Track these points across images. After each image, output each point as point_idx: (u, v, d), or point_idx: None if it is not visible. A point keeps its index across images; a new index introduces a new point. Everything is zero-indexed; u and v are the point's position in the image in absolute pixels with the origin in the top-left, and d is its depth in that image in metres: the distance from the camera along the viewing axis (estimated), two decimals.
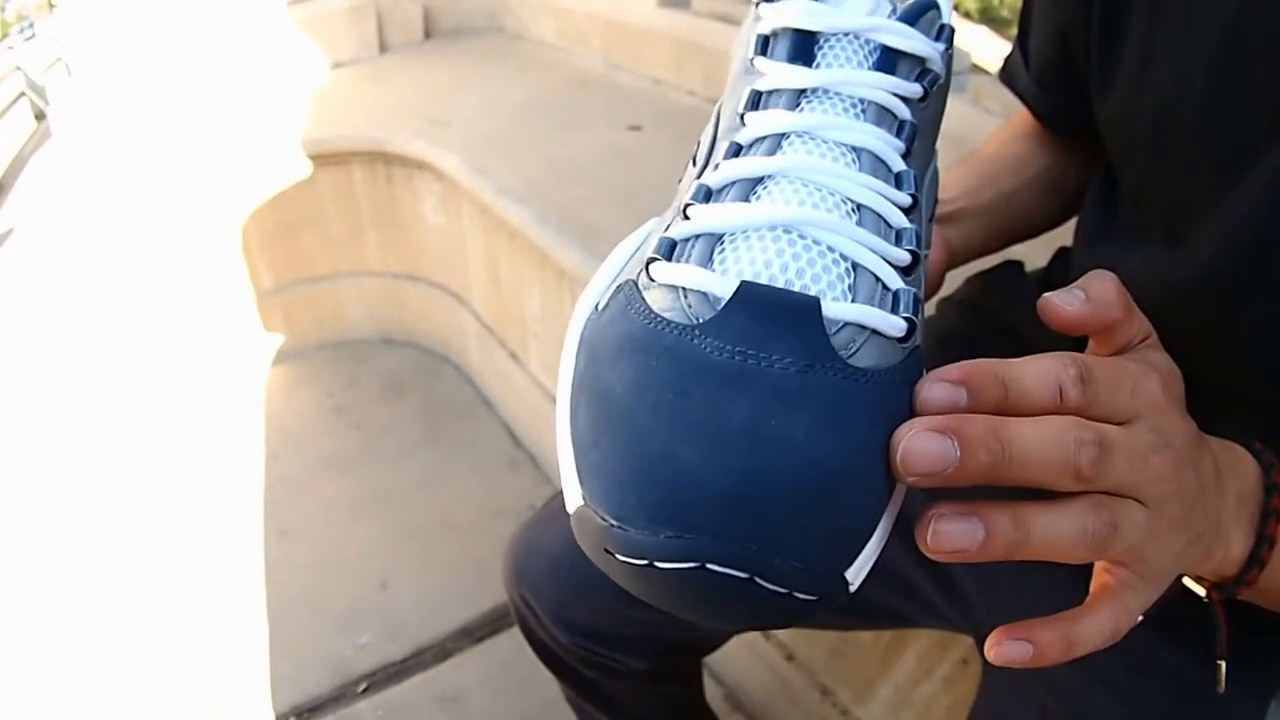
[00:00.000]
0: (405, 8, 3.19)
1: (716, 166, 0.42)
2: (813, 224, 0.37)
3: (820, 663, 1.53)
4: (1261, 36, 0.57)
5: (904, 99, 0.44)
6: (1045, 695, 0.74)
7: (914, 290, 0.39)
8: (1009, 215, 0.87)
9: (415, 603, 1.92)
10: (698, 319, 0.35)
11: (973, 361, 0.38)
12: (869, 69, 0.44)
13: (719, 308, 0.35)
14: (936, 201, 0.51)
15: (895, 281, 0.39)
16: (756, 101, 0.44)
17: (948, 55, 0.48)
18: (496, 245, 2.14)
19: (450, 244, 2.43)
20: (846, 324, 0.35)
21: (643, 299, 0.37)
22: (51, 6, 2.79)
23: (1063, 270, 0.90)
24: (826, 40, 0.45)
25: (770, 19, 0.46)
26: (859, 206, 0.40)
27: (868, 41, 0.45)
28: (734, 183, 0.41)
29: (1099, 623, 0.42)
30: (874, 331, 0.36)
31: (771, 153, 0.41)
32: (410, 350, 2.80)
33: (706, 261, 0.37)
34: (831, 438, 0.33)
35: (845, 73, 0.43)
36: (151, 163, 2.28)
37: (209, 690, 1.73)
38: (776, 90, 0.44)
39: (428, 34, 3.29)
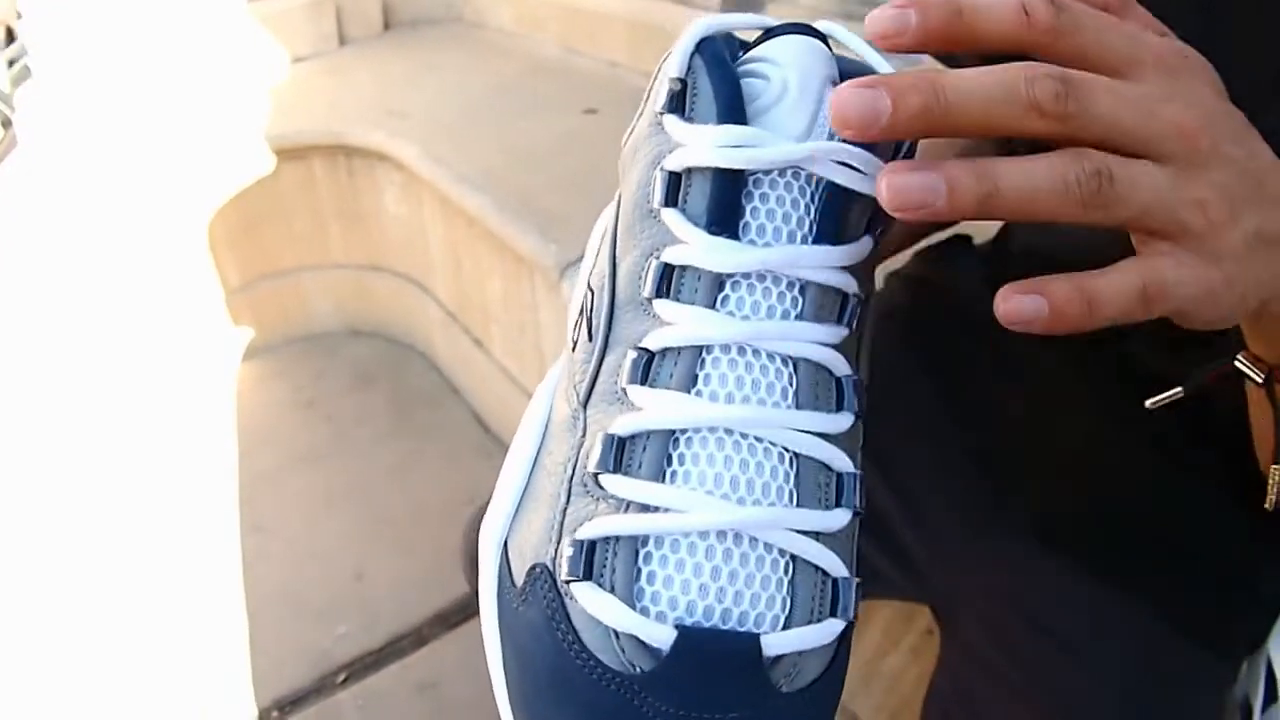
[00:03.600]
0: (364, 0, 3.18)
1: (623, 394, 0.37)
2: (751, 525, 0.34)
3: None
4: (1237, 19, 0.57)
5: (853, 269, 0.37)
6: (1004, 663, 0.73)
7: (852, 577, 0.37)
8: None
9: (391, 592, 1.93)
10: (636, 668, 0.33)
11: None
12: (811, 228, 0.36)
13: (659, 659, 0.33)
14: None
15: (836, 567, 0.36)
16: (666, 281, 0.36)
17: None
18: (457, 233, 2.15)
19: (412, 234, 2.43)
20: (786, 654, 0.34)
21: (569, 622, 0.35)
22: (19, 16, 2.77)
23: (1008, 241, 0.90)
24: (758, 183, 0.36)
25: (682, 153, 0.36)
26: (796, 457, 0.36)
27: (811, 180, 0.36)
28: (648, 435, 0.36)
29: (1124, 280, 0.35)
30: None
31: (690, 375, 0.36)
32: (377, 341, 2.80)
33: (632, 572, 0.34)
34: None
35: (784, 252, 0.35)
36: (116, 164, 2.27)
37: (192, 689, 1.73)
38: (692, 269, 0.36)
39: (387, 25, 3.27)
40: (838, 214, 0.36)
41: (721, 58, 0.37)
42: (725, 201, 0.35)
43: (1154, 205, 0.34)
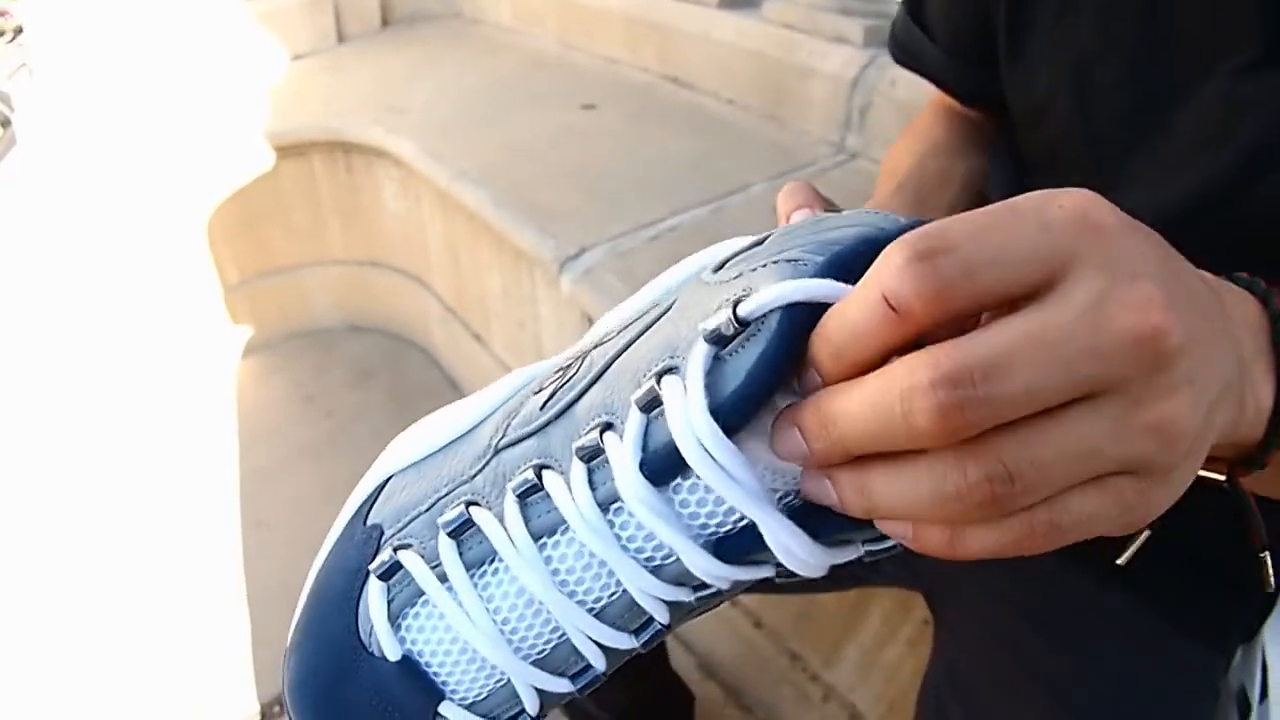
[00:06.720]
0: None
1: (504, 491, 0.41)
2: (498, 668, 0.42)
3: (788, 627, 1.55)
4: None
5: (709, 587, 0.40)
6: (996, 652, 0.74)
7: None
8: None
9: None
10: (378, 655, 0.43)
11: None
12: (717, 530, 0.37)
13: (385, 663, 0.43)
14: None
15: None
16: (594, 455, 0.38)
17: None
18: (455, 229, 2.16)
19: (411, 229, 2.44)
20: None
21: (363, 588, 0.45)
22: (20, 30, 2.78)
23: None
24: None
25: (672, 406, 0.35)
26: (569, 642, 0.42)
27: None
28: (487, 541, 0.42)
29: (993, 533, 0.31)
30: None
31: (548, 528, 0.40)
32: (377, 336, 2.81)
33: (403, 608, 0.43)
34: None
35: (678, 543, 0.37)
36: (115, 162, 2.27)
37: (194, 687, 1.74)
38: (609, 468, 0.38)
39: (385, 22, 3.28)
40: (745, 546, 0.36)
41: (797, 334, 0.33)
42: (666, 466, 0.35)
43: (1081, 468, 0.29)
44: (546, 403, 0.42)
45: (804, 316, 0.32)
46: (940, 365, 0.27)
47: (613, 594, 0.39)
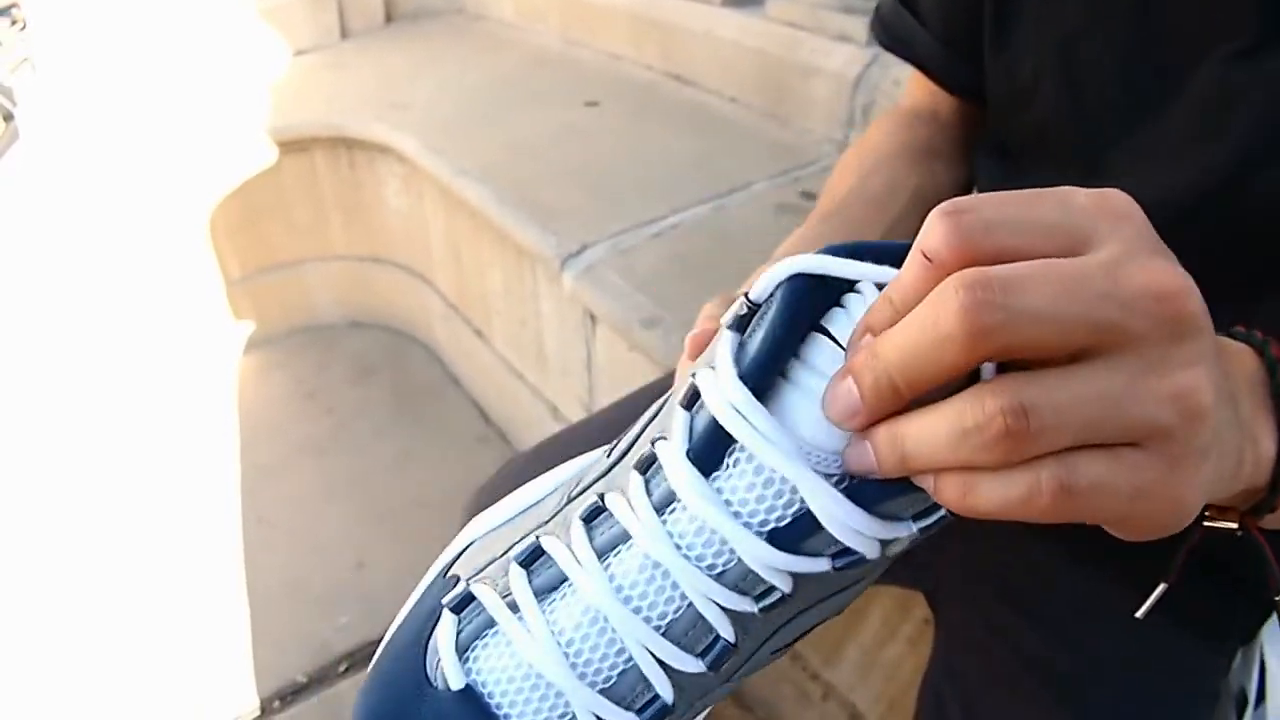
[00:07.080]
0: None
1: (571, 521, 0.43)
2: (560, 692, 0.41)
3: None
4: None
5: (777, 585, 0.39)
6: (994, 648, 0.74)
7: None
8: None
9: (391, 581, 1.94)
10: (439, 686, 0.44)
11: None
12: (777, 520, 0.37)
13: (448, 694, 0.44)
14: None
15: None
16: (649, 463, 0.40)
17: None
18: (457, 226, 2.16)
19: (413, 226, 2.44)
20: None
21: (434, 628, 0.46)
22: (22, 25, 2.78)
23: None
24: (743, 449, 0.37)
25: (707, 378, 0.38)
26: (635, 664, 0.42)
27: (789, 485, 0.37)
28: (554, 564, 0.43)
29: (1015, 483, 0.31)
30: None
31: (612, 543, 0.41)
32: (378, 332, 2.81)
33: (472, 640, 0.44)
34: None
35: (727, 526, 0.38)
36: (118, 158, 2.28)
37: (195, 684, 1.74)
38: (664, 472, 0.40)
39: (388, 18, 3.27)
40: (798, 533, 0.37)
41: (802, 303, 0.37)
42: (711, 448, 0.38)
43: (1096, 419, 0.30)
44: (610, 452, 0.45)
45: (801, 285, 0.36)
46: (965, 275, 0.29)
47: (677, 609, 0.39)
